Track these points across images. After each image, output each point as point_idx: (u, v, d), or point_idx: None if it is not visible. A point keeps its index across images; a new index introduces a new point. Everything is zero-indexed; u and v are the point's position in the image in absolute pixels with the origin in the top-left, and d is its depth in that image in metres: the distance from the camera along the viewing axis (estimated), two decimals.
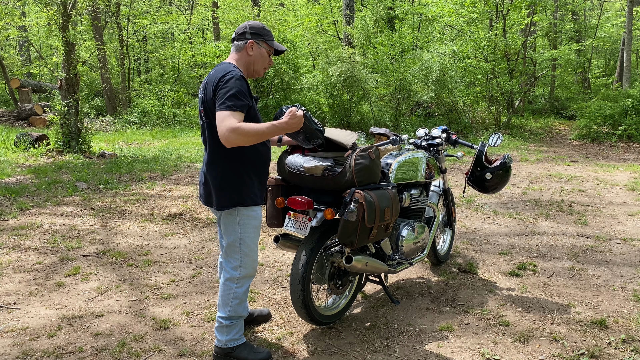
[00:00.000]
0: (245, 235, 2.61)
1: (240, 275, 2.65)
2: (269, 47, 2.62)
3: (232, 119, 2.34)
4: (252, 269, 2.68)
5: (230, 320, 2.68)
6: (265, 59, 2.63)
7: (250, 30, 2.57)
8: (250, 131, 2.35)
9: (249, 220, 2.61)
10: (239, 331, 2.72)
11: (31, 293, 3.66)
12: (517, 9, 13.42)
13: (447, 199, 4.18)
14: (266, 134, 2.41)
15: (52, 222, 5.45)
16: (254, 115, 2.56)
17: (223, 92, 2.40)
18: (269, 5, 19.39)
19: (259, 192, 2.65)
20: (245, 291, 2.70)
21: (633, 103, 12.48)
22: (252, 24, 2.60)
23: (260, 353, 2.72)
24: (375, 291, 3.67)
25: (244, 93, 2.42)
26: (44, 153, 9.47)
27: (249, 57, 2.60)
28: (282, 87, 15.02)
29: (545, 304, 3.45)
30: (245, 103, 2.42)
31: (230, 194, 2.55)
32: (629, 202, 6.32)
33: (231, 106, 2.36)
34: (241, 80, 2.44)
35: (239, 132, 2.33)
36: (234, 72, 2.46)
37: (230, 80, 2.41)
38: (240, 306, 2.69)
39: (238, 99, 2.39)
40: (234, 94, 2.38)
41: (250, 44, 2.57)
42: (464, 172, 8.33)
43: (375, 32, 16.48)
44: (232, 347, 2.70)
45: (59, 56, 9.94)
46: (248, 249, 2.63)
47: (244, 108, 2.42)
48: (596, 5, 22.48)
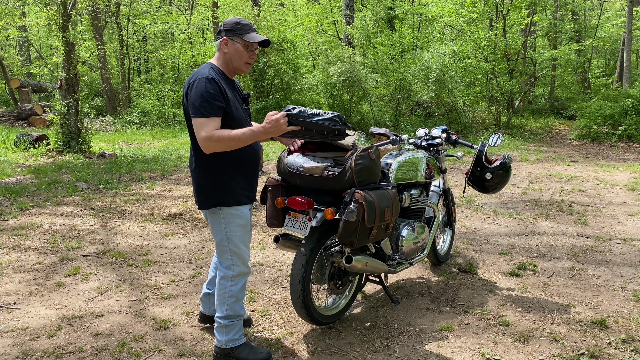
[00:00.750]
0: (231, 234, 2.61)
1: (234, 274, 2.66)
2: (244, 42, 2.53)
3: (206, 127, 2.36)
4: (245, 267, 2.68)
5: (229, 319, 2.68)
6: (242, 54, 2.55)
7: (223, 28, 2.54)
8: (226, 138, 2.37)
9: (234, 219, 2.60)
10: (238, 331, 2.72)
11: (31, 293, 3.66)
12: (517, 9, 13.42)
13: (447, 199, 4.18)
14: (243, 140, 2.40)
15: (52, 222, 5.45)
16: (237, 116, 2.53)
17: (193, 97, 2.41)
18: (269, 5, 19.37)
19: (244, 191, 2.64)
20: (241, 289, 2.70)
21: (633, 103, 12.48)
22: (227, 20, 2.56)
23: (261, 353, 2.72)
24: (375, 291, 3.67)
25: (214, 95, 2.40)
26: (44, 153, 9.47)
27: (225, 55, 2.56)
28: (282, 87, 15.02)
29: (545, 304, 3.45)
30: (218, 105, 2.41)
31: (211, 193, 2.57)
32: (629, 202, 6.32)
33: (203, 112, 2.37)
34: (210, 82, 2.41)
35: (214, 140, 2.36)
36: (203, 74, 2.45)
37: (199, 85, 2.41)
38: (237, 304, 2.69)
39: (209, 103, 2.38)
40: (204, 98, 2.38)
41: (223, 41, 2.53)
42: (464, 172, 8.33)
43: (375, 32, 16.48)
44: (232, 348, 2.70)
45: (59, 56, 9.94)
46: (237, 247, 2.63)
47: (218, 111, 2.41)
48: (596, 5, 22.48)
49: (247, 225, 2.68)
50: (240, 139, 2.40)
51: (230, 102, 2.50)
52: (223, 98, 2.45)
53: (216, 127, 2.40)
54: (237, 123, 2.52)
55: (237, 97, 2.62)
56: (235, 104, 2.55)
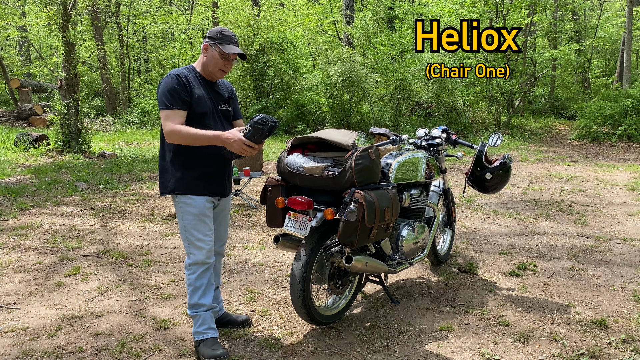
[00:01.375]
0: (186, 223, 2.72)
1: (191, 261, 2.74)
2: (221, 51, 2.70)
3: (170, 119, 2.58)
4: (202, 257, 2.73)
5: (192, 309, 2.77)
6: (217, 61, 2.71)
7: (208, 34, 2.74)
8: (185, 133, 2.56)
9: (186, 208, 2.71)
10: (202, 324, 2.76)
11: (31, 293, 3.66)
12: (517, 9, 13.42)
13: (447, 199, 4.18)
14: (200, 139, 2.58)
15: (52, 222, 5.45)
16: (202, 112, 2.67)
17: (160, 91, 2.65)
18: (269, 5, 19.38)
19: (200, 182, 2.72)
20: (198, 279, 2.74)
21: (633, 103, 12.48)
22: (213, 28, 2.77)
23: (215, 350, 2.71)
24: (375, 291, 3.67)
25: (178, 90, 2.60)
26: (44, 153, 9.47)
27: (204, 59, 2.75)
28: (282, 87, 15.02)
29: (545, 304, 3.45)
30: (183, 99, 2.60)
31: (166, 180, 2.74)
32: (629, 202, 6.32)
33: (167, 105, 2.59)
34: (176, 78, 2.62)
35: (176, 134, 2.57)
36: (173, 72, 2.67)
37: (166, 80, 2.64)
38: (195, 294, 2.74)
39: (173, 97, 2.59)
40: (169, 92, 2.60)
41: (204, 46, 2.73)
42: (464, 172, 8.33)
43: (375, 32, 16.47)
44: (198, 341, 2.77)
45: (59, 56, 9.95)
46: (192, 236, 2.71)
47: (182, 105, 2.61)
48: (596, 5, 22.47)
49: (203, 216, 2.73)
50: (197, 138, 2.57)
51: (196, 98, 2.66)
52: (188, 93, 2.64)
53: (181, 119, 2.61)
54: (201, 118, 2.68)
55: (213, 96, 2.77)
56: (204, 101, 2.70)
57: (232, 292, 3.67)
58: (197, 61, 2.80)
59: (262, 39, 14.29)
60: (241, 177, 6.14)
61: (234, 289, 3.73)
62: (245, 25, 14.78)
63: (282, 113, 14.92)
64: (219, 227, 2.97)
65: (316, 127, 14.42)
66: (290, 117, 14.65)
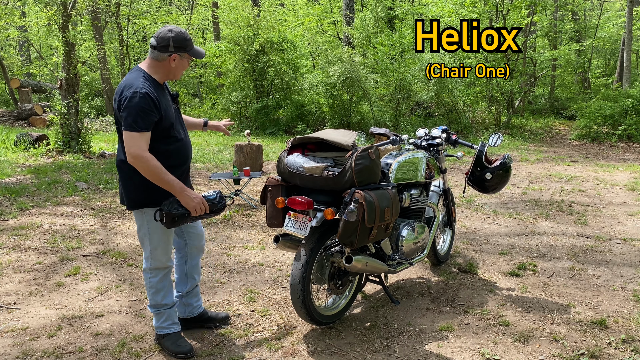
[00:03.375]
0: (152, 232, 2.72)
1: (152, 266, 2.76)
2: (190, 58, 2.72)
3: (136, 142, 2.47)
4: (162, 261, 2.77)
5: (154, 308, 2.81)
6: (185, 66, 2.73)
7: (173, 44, 2.60)
8: (153, 169, 2.49)
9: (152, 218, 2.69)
10: (166, 320, 2.82)
11: (31, 293, 3.66)
12: (517, 9, 13.42)
13: (447, 199, 4.18)
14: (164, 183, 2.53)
15: (52, 222, 5.45)
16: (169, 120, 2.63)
17: (127, 111, 2.48)
18: (269, 5, 19.39)
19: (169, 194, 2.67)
20: (161, 281, 2.77)
21: (633, 103, 12.47)
22: (175, 36, 2.60)
23: (183, 347, 2.79)
24: (375, 291, 3.67)
25: (147, 111, 2.50)
26: (44, 153, 9.47)
27: (171, 68, 2.66)
28: (282, 87, 15.02)
29: (545, 304, 3.45)
30: (151, 120, 2.52)
31: (136, 195, 2.66)
32: (629, 202, 6.31)
33: (135, 127, 2.47)
34: (144, 97, 2.49)
35: (142, 163, 2.49)
36: (137, 87, 2.51)
37: (134, 99, 2.48)
38: (158, 295, 2.78)
39: (142, 119, 2.48)
40: (137, 114, 2.47)
41: (173, 57, 2.63)
42: (464, 172, 8.33)
43: (375, 32, 16.47)
44: (161, 335, 2.83)
45: (59, 56, 9.94)
46: (156, 243, 2.74)
47: (149, 126, 2.52)
48: (596, 5, 22.47)
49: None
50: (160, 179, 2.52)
51: (163, 110, 2.59)
52: (157, 110, 2.55)
53: (147, 143, 2.51)
54: (169, 125, 2.64)
55: (168, 101, 2.72)
56: (169, 112, 2.66)
57: (232, 292, 3.67)
58: (148, 66, 2.65)
59: (262, 39, 14.29)
60: (241, 177, 6.14)
61: (234, 289, 3.73)
62: (245, 25, 14.78)
63: (282, 113, 14.92)
64: (196, 225, 2.98)
65: (316, 127, 14.42)
66: (290, 117, 14.65)
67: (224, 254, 4.50)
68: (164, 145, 2.63)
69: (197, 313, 3.09)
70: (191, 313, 3.07)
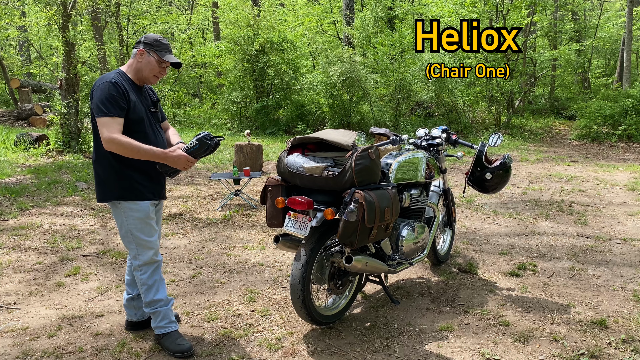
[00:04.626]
0: (132, 227, 2.74)
1: (140, 263, 2.78)
2: (158, 58, 2.75)
3: (109, 126, 2.56)
4: (150, 257, 2.78)
5: (149, 307, 2.82)
6: (154, 67, 2.76)
7: (143, 40, 2.76)
8: (127, 145, 2.57)
9: (131, 213, 2.73)
10: (163, 319, 2.83)
11: (31, 293, 3.66)
12: (517, 9, 13.42)
13: (447, 199, 4.18)
14: (142, 153, 2.61)
15: (52, 222, 5.45)
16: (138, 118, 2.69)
17: (97, 98, 2.59)
18: (269, 5, 19.37)
19: (144, 187, 2.74)
20: (151, 277, 2.79)
21: (633, 103, 12.47)
22: (149, 35, 2.79)
23: (182, 345, 2.80)
24: (375, 291, 3.67)
25: (116, 97, 2.59)
26: (44, 153, 9.48)
27: (138, 64, 2.75)
28: (282, 87, 15.01)
29: (545, 304, 3.45)
30: (120, 106, 2.60)
31: (109, 187, 2.71)
32: (629, 202, 6.31)
33: (106, 112, 2.56)
34: (113, 85, 2.60)
35: (116, 143, 2.56)
36: (107, 78, 2.64)
37: (103, 88, 2.60)
38: (150, 292, 2.80)
39: (111, 104, 2.57)
40: (107, 99, 2.57)
41: (139, 51, 2.74)
42: (464, 172, 8.33)
43: (375, 32, 16.47)
44: (160, 335, 2.84)
45: (59, 56, 9.95)
46: (140, 239, 2.75)
47: (120, 112, 2.60)
48: (596, 5, 22.46)
49: (147, 218, 2.77)
50: (139, 151, 2.60)
51: (132, 105, 2.67)
52: (125, 100, 2.64)
53: (119, 127, 2.60)
54: (137, 124, 2.70)
55: (143, 101, 2.79)
56: (138, 107, 2.72)
57: (232, 292, 3.67)
58: (127, 66, 2.78)
59: (262, 39, 14.29)
60: (241, 177, 6.14)
61: (234, 289, 3.73)
62: (245, 25, 14.78)
63: (282, 113, 14.92)
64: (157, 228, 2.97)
65: (316, 127, 14.42)
66: (290, 117, 14.65)
67: (224, 254, 4.50)
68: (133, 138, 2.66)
69: (147, 316, 3.04)
70: (142, 316, 3.07)
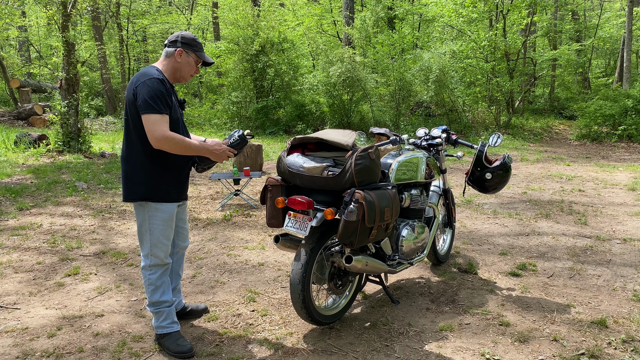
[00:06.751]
0: (154, 227, 2.75)
1: (151, 263, 2.79)
2: (197, 58, 2.80)
3: (159, 124, 2.55)
4: (162, 259, 2.80)
5: (154, 307, 2.83)
6: (192, 67, 2.80)
7: (181, 40, 2.76)
8: (181, 143, 2.59)
9: (157, 214, 2.74)
10: (165, 319, 2.84)
11: (31, 293, 3.66)
12: (517, 9, 13.42)
13: (447, 199, 4.18)
14: (192, 149, 2.64)
15: (52, 222, 5.45)
16: (175, 118, 2.71)
17: (145, 94, 2.56)
18: (269, 5, 19.37)
19: (171, 189, 2.77)
20: (159, 278, 2.80)
21: (633, 103, 12.47)
22: (185, 34, 2.79)
23: (183, 346, 2.80)
24: (375, 291, 3.67)
25: (163, 94, 2.60)
26: (44, 153, 9.48)
27: (177, 64, 2.76)
28: (282, 87, 15.01)
29: (545, 304, 3.45)
30: (167, 104, 2.62)
31: (139, 187, 2.70)
32: (629, 202, 6.31)
33: (156, 109, 2.56)
34: (161, 82, 2.62)
35: (170, 141, 2.56)
36: (153, 74, 2.63)
37: (151, 84, 2.58)
38: (157, 293, 2.80)
39: (161, 101, 2.58)
40: (157, 96, 2.57)
41: (179, 51, 2.74)
42: (464, 172, 8.33)
43: (375, 32, 16.47)
44: (161, 334, 2.85)
45: (59, 56, 9.95)
46: (156, 240, 2.77)
47: (168, 109, 2.61)
48: (596, 5, 22.46)
49: (171, 221, 2.79)
50: (189, 147, 2.62)
51: (173, 105, 2.70)
52: (170, 99, 2.67)
53: (168, 125, 2.60)
54: (174, 124, 2.71)
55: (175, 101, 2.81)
56: (176, 108, 2.75)
57: (232, 292, 3.67)
58: (161, 65, 2.76)
59: (262, 39, 14.29)
60: (241, 177, 6.14)
61: (234, 289, 3.73)
62: (245, 25, 14.78)
63: (282, 113, 14.92)
64: (184, 225, 3.05)
65: (316, 127, 14.42)
66: (290, 117, 14.65)
67: (224, 254, 4.50)
68: None
69: (179, 308, 3.17)
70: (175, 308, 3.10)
